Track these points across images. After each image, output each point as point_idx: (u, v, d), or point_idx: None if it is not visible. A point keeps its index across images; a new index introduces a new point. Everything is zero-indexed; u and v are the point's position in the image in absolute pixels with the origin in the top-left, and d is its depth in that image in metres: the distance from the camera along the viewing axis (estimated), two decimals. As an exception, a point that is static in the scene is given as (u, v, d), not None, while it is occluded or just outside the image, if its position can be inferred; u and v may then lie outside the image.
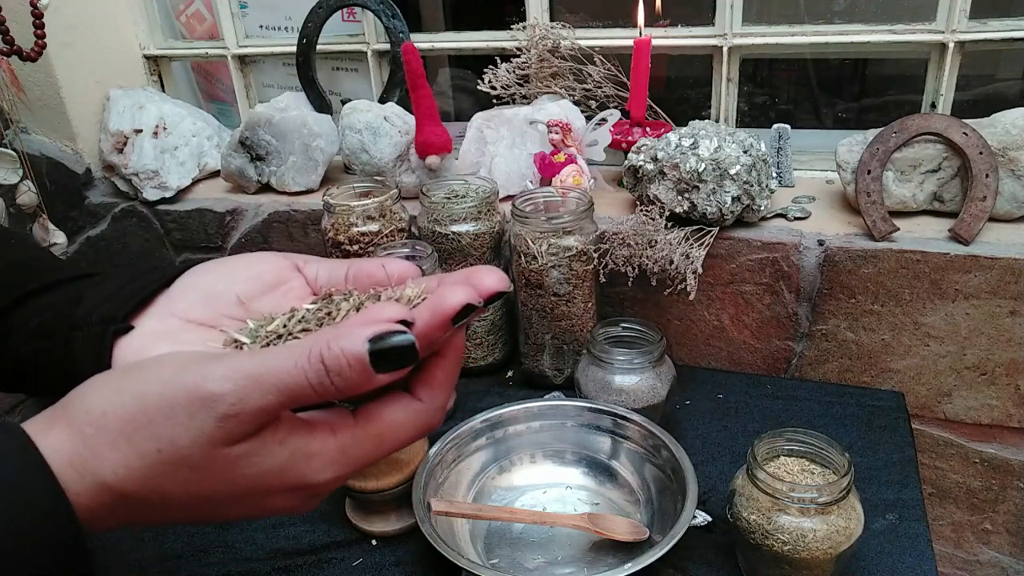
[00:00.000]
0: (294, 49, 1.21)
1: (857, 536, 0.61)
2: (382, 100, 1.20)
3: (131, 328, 0.38)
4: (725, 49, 1.03)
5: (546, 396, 0.88)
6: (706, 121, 0.94)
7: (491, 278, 0.33)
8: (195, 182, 1.23)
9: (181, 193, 1.21)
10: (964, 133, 0.85)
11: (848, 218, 0.93)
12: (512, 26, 1.09)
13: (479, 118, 1.08)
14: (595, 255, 0.88)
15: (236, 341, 0.38)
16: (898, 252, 0.86)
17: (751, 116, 1.12)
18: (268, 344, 0.37)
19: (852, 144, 0.91)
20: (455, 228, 0.92)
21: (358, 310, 0.37)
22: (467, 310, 0.32)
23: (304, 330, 0.37)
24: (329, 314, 0.38)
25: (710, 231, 0.91)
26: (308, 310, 0.38)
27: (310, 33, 1.19)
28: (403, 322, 0.31)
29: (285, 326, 0.38)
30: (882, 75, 1.14)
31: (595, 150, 1.01)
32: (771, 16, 1.03)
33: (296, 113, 1.15)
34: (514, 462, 0.80)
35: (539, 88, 1.09)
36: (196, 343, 0.37)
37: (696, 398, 0.93)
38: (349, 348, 0.29)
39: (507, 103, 1.10)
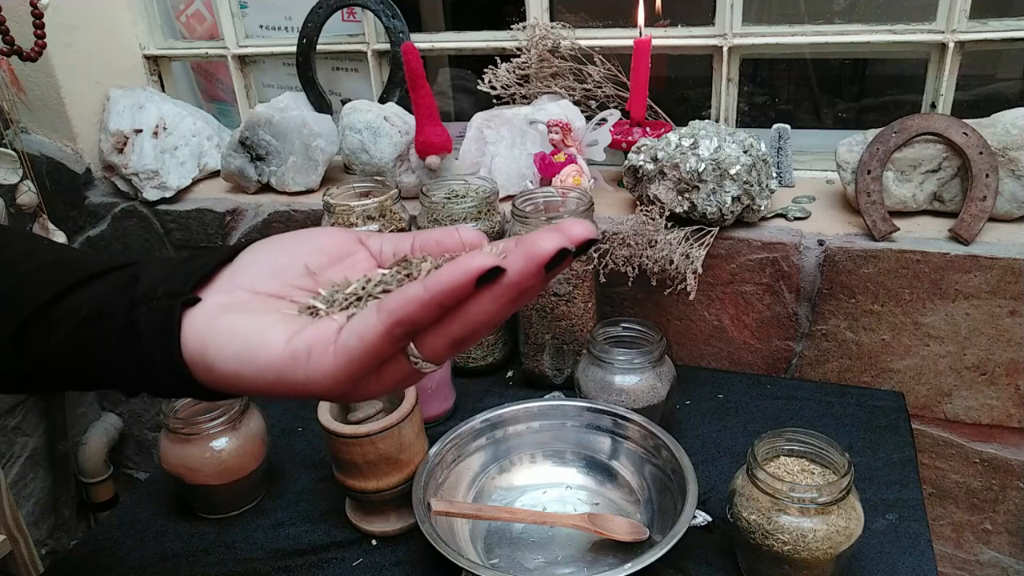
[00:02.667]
0: (294, 49, 1.21)
1: (857, 536, 0.61)
2: (382, 100, 1.20)
3: (199, 300, 0.36)
4: (725, 49, 1.03)
5: (546, 396, 0.88)
6: (706, 121, 0.94)
7: (580, 227, 0.31)
8: (195, 182, 1.23)
9: (181, 193, 1.21)
10: (964, 133, 0.85)
11: (848, 218, 0.93)
12: (512, 26, 1.09)
13: (479, 118, 1.08)
14: (595, 255, 0.88)
15: (312, 307, 0.36)
16: (898, 252, 0.86)
17: (751, 116, 1.12)
18: (347, 307, 0.35)
19: (852, 144, 0.91)
20: (455, 228, 0.92)
21: (437, 269, 0.34)
22: (561, 255, 0.30)
23: (385, 291, 0.35)
24: (409, 275, 0.35)
25: (710, 231, 0.91)
26: (385, 273, 0.36)
27: (310, 33, 1.19)
28: (495, 268, 0.30)
29: (364, 287, 0.35)
30: (882, 75, 1.14)
31: (595, 150, 1.01)
32: (771, 16, 1.03)
33: (296, 113, 1.15)
34: (514, 462, 0.80)
35: (539, 88, 1.09)
36: (268, 312, 0.36)
37: (696, 398, 0.93)
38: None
39: (507, 103, 1.10)
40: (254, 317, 0.35)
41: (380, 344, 0.31)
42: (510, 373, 1.00)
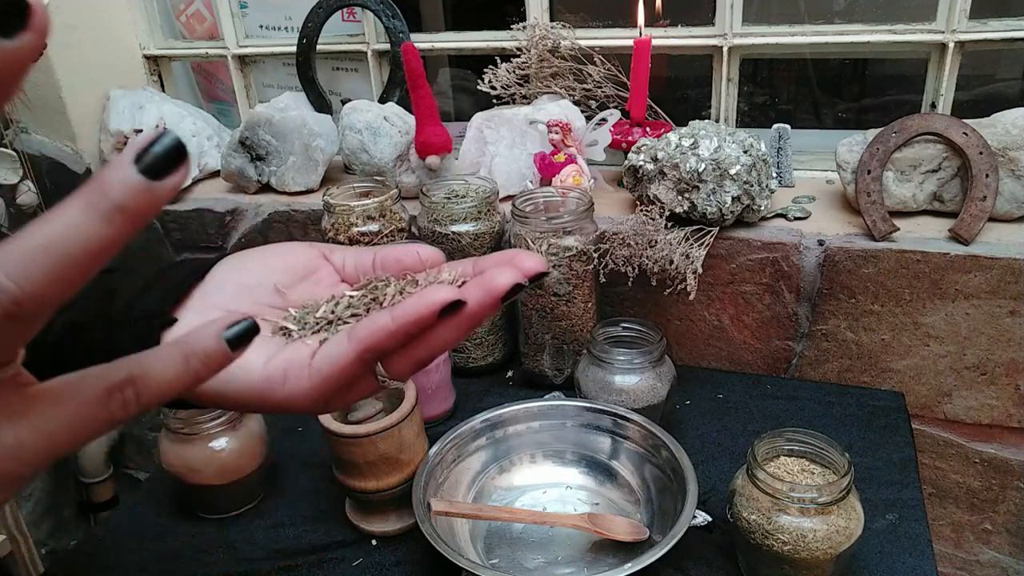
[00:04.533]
0: (294, 49, 1.21)
1: (857, 536, 0.61)
2: (382, 100, 1.20)
3: (175, 320, 0.38)
4: (725, 49, 1.03)
5: (546, 396, 0.88)
6: (706, 121, 0.94)
7: (532, 260, 0.35)
8: (195, 182, 1.23)
9: (181, 193, 1.21)
10: (964, 133, 0.85)
11: (848, 218, 0.93)
12: (512, 26, 1.09)
13: (479, 118, 1.08)
14: (595, 255, 0.88)
15: (284, 328, 0.38)
16: (898, 252, 0.86)
17: (751, 116, 1.12)
18: (319, 330, 0.37)
19: (852, 144, 0.91)
20: (455, 228, 0.92)
21: (401, 294, 0.38)
22: (516, 289, 0.33)
23: (353, 315, 0.37)
24: (375, 299, 0.38)
25: (710, 231, 0.91)
26: (353, 296, 0.38)
27: (310, 33, 1.19)
28: (457, 301, 0.32)
29: (333, 311, 0.38)
30: (882, 75, 1.14)
31: (595, 150, 1.01)
32: (771, 16, 1.03)
33: (296, 113, 1.15)
34: (514, 462, 0.80)
35: (539, 88, 1.09)
36: None
37: (696, 398, 0.93)
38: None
39: (507, 103, 1.10)
40: None
41: (351, 368, 0.34)
42: (510, 373, 1.00)
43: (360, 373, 0.35)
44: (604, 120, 1.00)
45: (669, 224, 0.91)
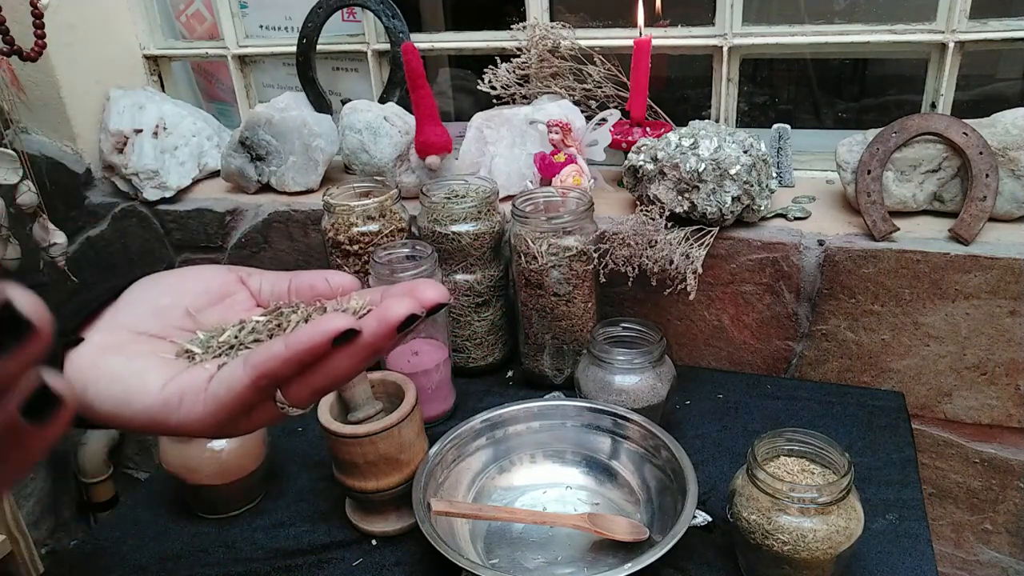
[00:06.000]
0: (294, 49, 1.21)
1: (857, 536, 0.61)
2: (382, 100, 1.20)
3: (81, 340, 0.38)
4: (725, 49, 1.03)
5: (546, 396, 0.88)
6: (706, 121, 0.94)
7: (432, 291, 0.35)
8: (195, 182, 1.23)
9: (181, 193, 1.21)
10: (964, 133, 0.85)
11: (848, 218, 0.93)
12: (512, 26, 1.09)
13: (479, 118, 1.08)
14: (595, 255, 0.88)
15: (188, 351, 0.38)
16: (898, 252, 0.86)
17: (751, 116, 1.12)
18: (220, 355, 0.37)
19: (852, 144, 0.91)
20: (455, 228, 0.92)
21: (306, 321, 0.38)
22: (411, 319, 0.33)
23: (256, 340, 0.38)
24: (279, 325, 0.38)
25: (710, 231, 0.91)
26: (258, 321, 0.39)
27: (310, 33, 1.19)
28: (351, 330, 0.32)
29: (236, 336, 0.38)
30: (882, 75, 1.14)
31: (595, 150, 1.01)
32: (771, 16, 1.03)
33: (296, 113, 1.15)
34: (514, 462, 0.80)
35: (539, 88, 1.09)
36: (147, 354, 0.38)
37: (696, 398, 0.93)
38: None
39: (507, 103, 1.10)
40: (132, 361, 0.37)
41: (246, 394, 0.34)
42: (510, 373, 1.00)
43: (257, 400, 0.35)
44: (604, 120, 1.00)
45: (669, 224, 0.91)
